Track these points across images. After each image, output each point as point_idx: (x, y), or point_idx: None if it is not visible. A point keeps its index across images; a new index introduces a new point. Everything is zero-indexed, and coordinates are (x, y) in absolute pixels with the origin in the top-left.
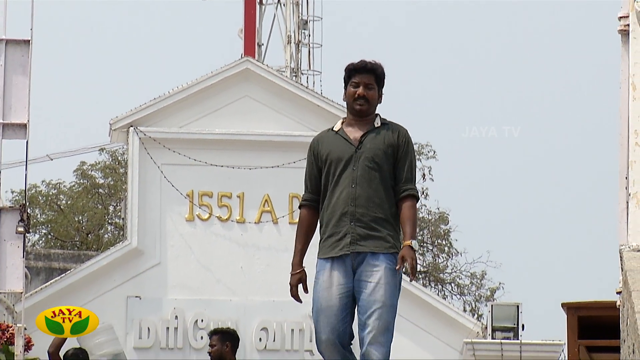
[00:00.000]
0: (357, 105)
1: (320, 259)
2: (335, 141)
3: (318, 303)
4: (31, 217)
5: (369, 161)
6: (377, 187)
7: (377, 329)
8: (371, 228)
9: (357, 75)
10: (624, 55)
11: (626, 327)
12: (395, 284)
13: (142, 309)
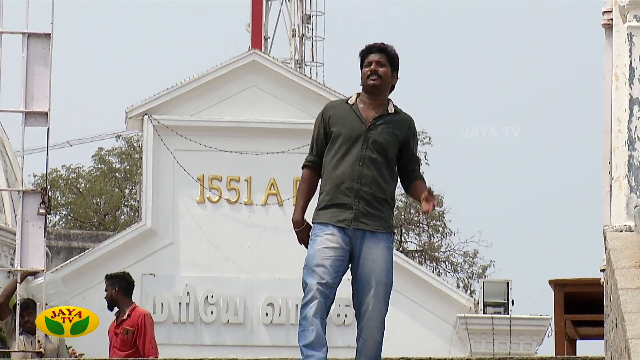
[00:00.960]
0: (371, 80)
1: (318, 223)
2: (349, 115)
3: (314, 260)
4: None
5: (377, 145)
6: (381, 169)
7: (374, 305)
8: (373, 207)
9: (369, 55)
10: (608, 47)
11: (609, 303)
12: (391, 261)
13: (156, 285)
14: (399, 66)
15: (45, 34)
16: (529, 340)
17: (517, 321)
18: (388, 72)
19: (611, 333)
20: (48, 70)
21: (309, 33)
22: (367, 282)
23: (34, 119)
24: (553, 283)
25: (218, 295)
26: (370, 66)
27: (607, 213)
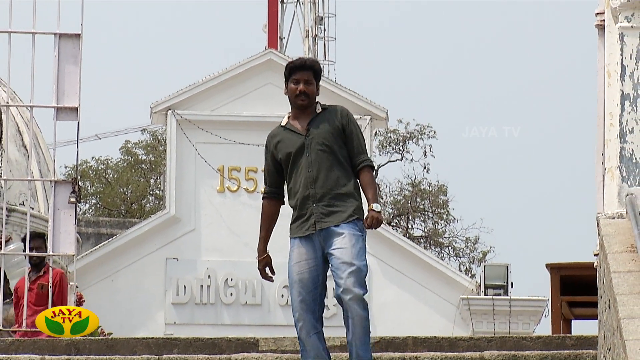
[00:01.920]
0: (300, 100)
1: (291, 238)
2: (286, 135)
3: (291, 276)
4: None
5: (319, 145)
6: (330, 166)
7: (352, 285)
8: (332, 205)
9: (297, 72)
10: (600, 47)
11: (602, 285)
12: (361, 245)
13: (179, 269)
14: (321, 77)
15: (75, 35)
16: (527, 320)
17: (516, 302)
18: (314, 90)
19: (604, 313)
20: (78, 68)
21: (321, 33)
22: (338, 267)
23: (65, 114)
24: (550, 267)
25: (237, 278)
26: (298, 85)
27: (600, 201)
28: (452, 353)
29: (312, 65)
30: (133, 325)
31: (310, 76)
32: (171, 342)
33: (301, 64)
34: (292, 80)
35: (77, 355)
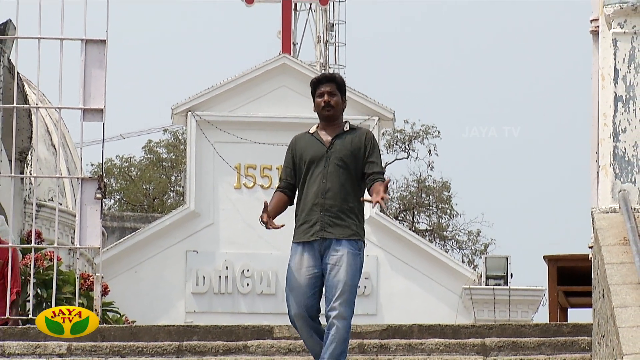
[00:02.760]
0: (325, 112)
1: (293, 243)
2: (311, 142)
3: (289, 282)
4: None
5: (338, 160)
6: (344, 182)
7: (340, 305)
8: (338, 217)
9: (320, 86)
10: (595, 51)
11: (597, 276)
12: (357, 266)
13: (198, 261)
14: (345, 89)
15: (100, 40)
16: (526, 308)
17: (515, 292)
18: (339, 100)
19: (598, 302)
20: (103, 72)
21: (332, 39)
22: (333, 285)
23: (91, 115)
24: (547, 258)
25: (253, 269)
26: (323, 97)
27: (594, 197)
28: (455, 340)
29: (333, 78)
30: (155, 313)
31: (333, 88)
32: (191, 330)
33: (322, 77)
34: (317, 94)
35: (103, 342)
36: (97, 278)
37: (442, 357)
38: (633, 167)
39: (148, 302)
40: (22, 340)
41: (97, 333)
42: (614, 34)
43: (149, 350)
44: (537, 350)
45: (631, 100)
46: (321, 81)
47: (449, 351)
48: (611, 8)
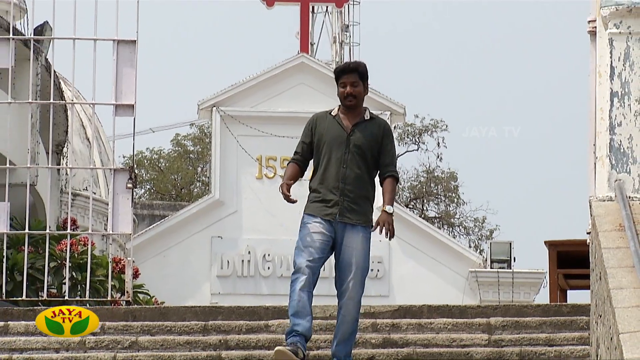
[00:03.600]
0: (348, 102)
1: (307, 214)
2: (332, 124)
3: (303, 242)
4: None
5: (357, 148)
6: (362, 169)
7: (352, 287)
8: (356, 203)
9: (343, 76)
10: (592, 50)
11: (594, 259)
12: (368, 249)
13: (223, 246)
14: (368, 76)
15: (131, 41)
16: (528, 290)
17: (518, 275)
18: (361, 90)
19: (596, 284)
20: (134, 71)
21: (347, 39)
22: (347, 266)
23: (122, 110)
24: (548, 243)
25: (274, 254)
26: (345, 88)
27: (592, 186)
28: (462, 319)
29: (356, 68)
30: (182, 295)
31: (356, 78)
32: (216, 310)
33: (346, 67)
34: (340, 84)
35: (134, 321)
36: (128, 262)
37: (449, 335)
38: (628, 158)
39: (176, 285)
40: None
41: (129, 313)
42: (610, 34)
43: (177, 329)
44: (539, 329)
45: (626, 96)
46: (344, 71)
47: (456, 330)
48: (607, 10)
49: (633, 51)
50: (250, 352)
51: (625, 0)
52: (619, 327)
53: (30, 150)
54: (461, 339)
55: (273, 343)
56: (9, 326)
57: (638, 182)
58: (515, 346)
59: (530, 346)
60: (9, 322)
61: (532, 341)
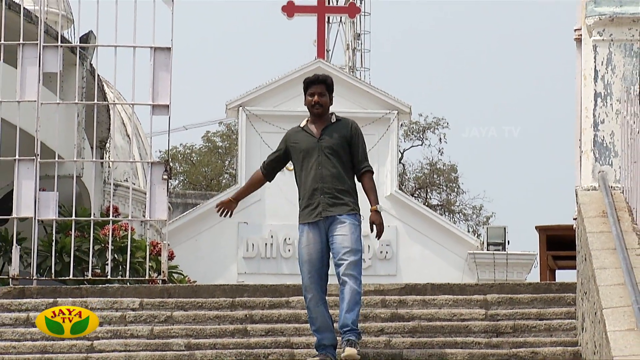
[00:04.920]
0: (315, 110)
1: (300, 224)
2: (303, 135)
3: (301, 257)
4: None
5: (329, 149)
6: (337, 167)
7: (349, 265)
8: (335, 197)
9: (312, 86)
10: (578, 55)
11: (580, 243)
12: (358, 233)
13: (248, 231)
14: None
15: (166, 48)
16: (520, 270)
17: (511, 256)
18: (327, 100)
19: (581, 265)
20: (169, 74)
21: (359, 47)
22: (340, 250)
23: (158, 110)
24: (538, 228)
25: (294, 238)
26: (313, 97)
27: (578, 177)
28: (462, 296)
29: (324, 80)
30: (212, 274)
31: (323, 89)
32: (242, 288)
33: (315, 78)
34: (309, 94)
35: (169, 298)
36: (164, 245)
37: (450, 310)
38: (610, 152)
39: (206, 265)
40: (102, 297)
41: (165, 291)
42: (594, 41)
43: (207, 305)
44: (530, 305)
45: (608, 96)
46: (314, 82)
47: (456, 306)
48: (592, 19)
49: (614, 56)
50: (273, 326)
51: (608, 10)
52: (602, 303)
53: (77, 145)
54: (461, 314)
55: (293, 317)
56: (58, 302)
57: (619, 173)
58: (509, 320)
59: (523, 320)
60: (58, 298)
61: (524, 316)
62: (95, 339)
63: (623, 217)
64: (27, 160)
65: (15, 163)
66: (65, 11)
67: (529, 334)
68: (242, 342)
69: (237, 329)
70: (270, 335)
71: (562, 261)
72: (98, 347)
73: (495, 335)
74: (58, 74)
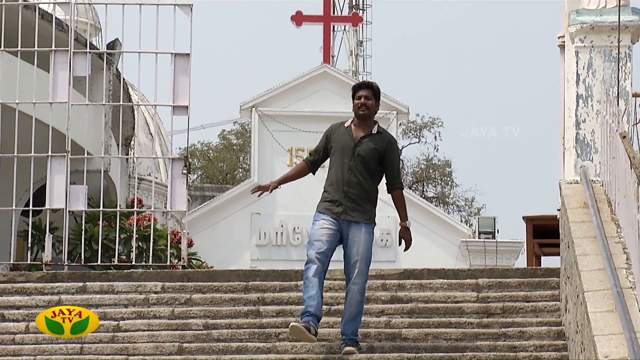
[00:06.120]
0: (361, 111)
1: (318, 212)
2: (343, 134)
3: (313, 235)
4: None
5: (361, 157)
6: (365, 175)
7: (357, 274)
8: (357, 204)
9: (360, 90)
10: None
11: (564, 231)
12: (370, 242)
13: (260, 220)
14: (380, 96)
15: (186, 54)
16: (509, 256)
17: (501, 244)
18: (373, 104)
19: (565, 252)
20: (188, 78)
21: (361, 53)
22: (353, 257)
23: (178, 111)
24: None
25: (302, 227)
26: (360, 99)
27: (561, 171)
28: (455, 280)
29: (370, 85)
30: (228, 260)
31: (369, 93)
32: (255, 273)
33: (362, 83)
34: (356, 97)
35: (188, 282)
36: (183, 234)
37: (445, 293)
38: (591, 148)
39: (222, 252)
40: (127, 281)
41: (184, 276)
42: (576, 47)
43: (223, 289)
44: (518, 288)
45: (589, 97)
46: (361, 87)
47: (450, 289)
48: (574, 27)
49: (595, 61)
50: (283, 307)
51: (588, 19)
52: (584, 286)
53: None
54: (454, 296)
55: (302, 300)
56: (87, 286)
57: (599, 168)
58: (498, 302)
59: (511, 302)
60: (87, 282)
61: (512, 298)
62: (121, 319)
63: (603, 208)
64: (58, 157)
65: (48, 159)
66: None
67: (516, 315)
68: (255, 322)
69: (251, 310)
70: (280, 316)
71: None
72: (124, 326)
73: (486, 316)
74: (87, 77)
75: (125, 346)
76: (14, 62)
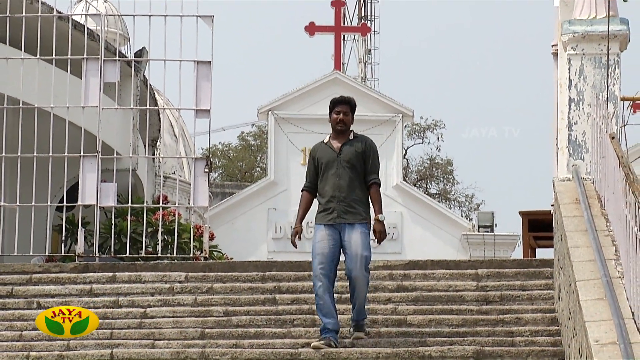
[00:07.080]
0: (338, 127)
1: (316, 224)
2: (326, 150)
3: (315, 250)
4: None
5: (346, 162)
6: (353, 179)
7: (359, 269)
8: (350, 206)
9: (338, 105)
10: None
11: (557, 225)
12: (367, 241)
13: (276, 215)
14: (355, 110)
15: (207, 62)
16: (506, 248)
17: (499, 237)
18: (349, 119)
19: (558, 244)
20: (210, 84)
21: (370, 60)
22: (352, 256)
23: (201, 114)
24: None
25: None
26: (339, 115)
27: (555, 170)
28: (457, 270)
29: (348, 101)
30: (247, 252)
31: (347, 109)
32: (271, 264)
33: (340, 99)
34: (334, 112)
35: (210, 272)
36: (206, 228)
37: (447, 282)
38: (582, 148)
39: (241, 245)
40: (154, 272)
41: (206, 266)
42: (568, 54)
43: (242, 278)
44: (515, 278)
45: (581, 101)
46: (340, 102)
47: (452, 278)
48: (566, 36)
49: (586, 68)
50: (297, 296)
51: (580, 29)
52: (575, 276)
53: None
54: (456, 285)
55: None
56: (116, 276)
57: (590, 166)
58: (497, 291)
59: (508, 291)
60: (116, 273)
61: (509, 287)
62: (147, 307)
63: (593, 203)
64: (90, 157)
65: (80, 159)
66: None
67: (513, 303)
68: (271, 309)
69: (267, 299)
70: (295, 303)
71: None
72: (150, 313)
73: (485, 303)
74: (116, 83)
75: (152, 331)
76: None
